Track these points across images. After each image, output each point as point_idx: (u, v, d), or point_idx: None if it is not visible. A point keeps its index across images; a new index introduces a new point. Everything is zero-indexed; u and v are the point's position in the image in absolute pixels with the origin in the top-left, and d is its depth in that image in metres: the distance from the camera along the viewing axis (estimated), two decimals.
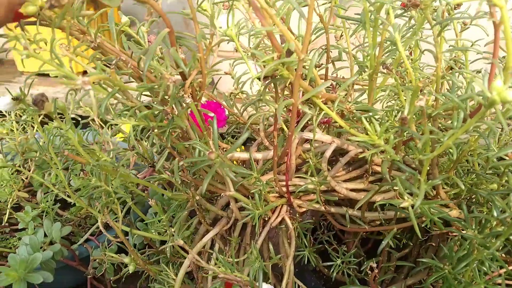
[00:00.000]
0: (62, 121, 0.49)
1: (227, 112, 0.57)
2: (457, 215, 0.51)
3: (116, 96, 0.44)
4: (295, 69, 0.36)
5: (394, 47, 0.39)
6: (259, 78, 0.42)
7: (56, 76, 0.55)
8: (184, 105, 0.42)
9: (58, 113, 0.48)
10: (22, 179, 0.98)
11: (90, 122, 0.95)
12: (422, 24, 0.37)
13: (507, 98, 0.28)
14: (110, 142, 0.94)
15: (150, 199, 0.47)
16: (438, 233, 0.53)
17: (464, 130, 0.33)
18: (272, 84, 0.46)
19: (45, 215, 0.81)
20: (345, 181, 0.51)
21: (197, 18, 0.42)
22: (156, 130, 0.41)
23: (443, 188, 0.53)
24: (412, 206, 0.38)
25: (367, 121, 0.38)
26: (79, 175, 0.81)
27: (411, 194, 0.39)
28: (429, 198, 0.49)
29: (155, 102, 0.43)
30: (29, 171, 0.95)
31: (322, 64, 0.49)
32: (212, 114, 0.45)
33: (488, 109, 0.28)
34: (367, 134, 0.39)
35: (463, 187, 0.47)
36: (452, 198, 0.53)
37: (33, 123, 0.84)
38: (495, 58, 0.35)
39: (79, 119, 0.79)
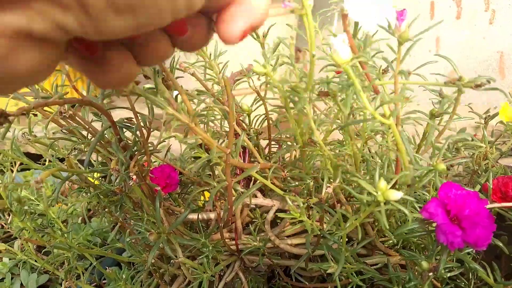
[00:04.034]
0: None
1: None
2: (398, 261, 0.56)
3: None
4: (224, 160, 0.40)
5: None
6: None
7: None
8: (131, 183, 0.46)
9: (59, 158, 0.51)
10: (1, 225, 1.01)
11: None
12: (337, 116, 0.42)
13: (390, 197, 0.33)
14: None
15: (107, 268, 0.51)
16: None
17: (363, 218, 0.37)
18: None
19: (23, 266, 0.84)
20: (289, 236, 0.56)
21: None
22: (106, 210, 0.46)
23: (382, 237, 0.57)
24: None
25: (291, 197, 0.42)
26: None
27: None
28: (365, 254, 0.53)
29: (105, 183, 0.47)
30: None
31: (262, 132, 0.54)
32: (158, 188, 0.49)
33: (371, 209, 0.33)
34: None
35: (395, 240, 0.52)
36: (391, 247, 0.57)
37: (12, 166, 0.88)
38: None
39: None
